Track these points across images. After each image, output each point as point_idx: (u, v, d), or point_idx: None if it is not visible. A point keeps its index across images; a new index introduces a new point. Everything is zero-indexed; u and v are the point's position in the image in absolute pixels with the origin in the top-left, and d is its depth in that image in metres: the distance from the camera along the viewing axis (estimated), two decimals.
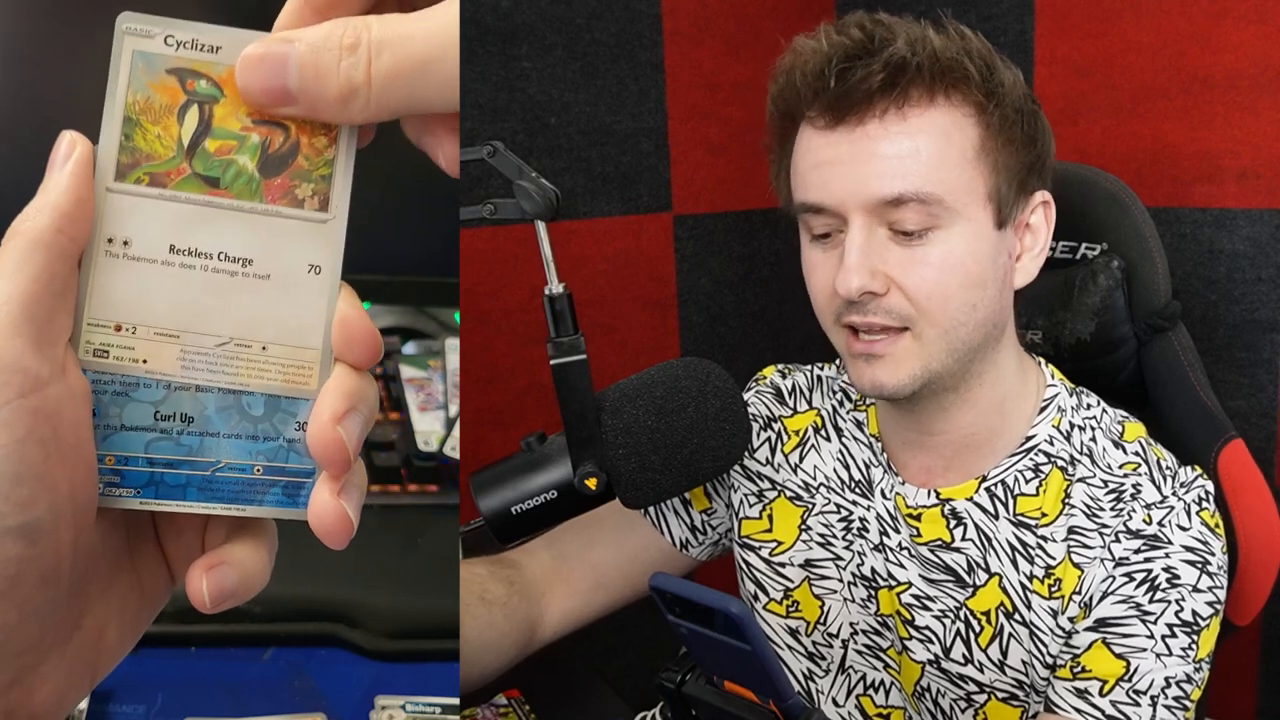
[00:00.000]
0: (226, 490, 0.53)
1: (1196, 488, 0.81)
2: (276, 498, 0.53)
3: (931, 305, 0.76)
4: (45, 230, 0.47)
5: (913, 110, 0.75)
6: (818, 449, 0.93)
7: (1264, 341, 1.28)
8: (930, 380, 0.78)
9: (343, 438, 0.50)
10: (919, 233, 0.75)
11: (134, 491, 0.52)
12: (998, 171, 0.76)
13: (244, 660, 1.02)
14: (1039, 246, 0.81)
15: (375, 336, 0.52)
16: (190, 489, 0.52)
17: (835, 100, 0.75)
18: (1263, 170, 1.25)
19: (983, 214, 0.76)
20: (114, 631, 0.53)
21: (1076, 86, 1.37)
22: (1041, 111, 0.80)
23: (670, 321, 1.56)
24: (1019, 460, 0.83)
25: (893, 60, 0.73)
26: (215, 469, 0.53)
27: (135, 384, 0.51)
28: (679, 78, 1.50)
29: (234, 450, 0.53)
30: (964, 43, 0.76)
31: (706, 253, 1.57)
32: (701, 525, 0.98)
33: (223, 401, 0.52)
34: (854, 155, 0.75)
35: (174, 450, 0.52)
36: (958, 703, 0.85)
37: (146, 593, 0.55)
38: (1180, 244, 1.30)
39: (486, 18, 1.36)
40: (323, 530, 0.51)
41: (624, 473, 0.72)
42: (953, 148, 0.75)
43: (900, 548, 0.86)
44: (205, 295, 0.51)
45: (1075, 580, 0.80)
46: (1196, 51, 1.27)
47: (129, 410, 0.51)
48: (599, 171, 1.46)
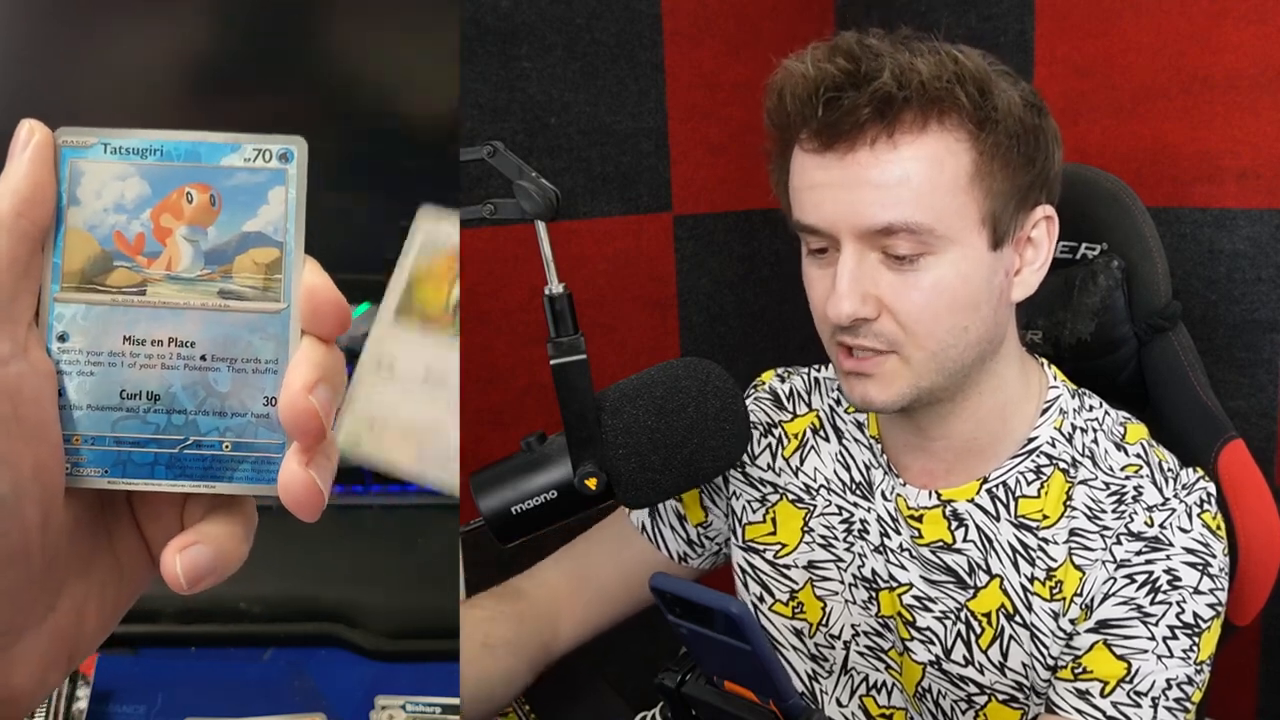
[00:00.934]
0: (195, 467, 0.53)
1: (1198, 490, 0.81)
2: (246, 474, 0.53)
3: (920, 329, 0.76)
4: (5, 215, 0.48)
5: (904, 137, 0.73)
6: (817, 450, 0.93)
7: (1264, 341, 1.28)
8: (921, 396, 0.78)
9: (315, 406, 0.50)
10: (910, 258, 0.74)
11: (101, 471, 0.52)
12: (993, 196, 0.75)
13: (244, 660, 1.02)
14: (1040, 260, 0.80)
15: (343, 306, 0.53)
16: (158, 467, 0.53)
17: (824, 128, 0.74)
18: (1263, 170, 1.24)
19: (976, 238, 0.76)
20: (93, 613, 0.53)
21: (1076, 86, 1.37)
22: (1048, 121, 0.78)
23: (670, 321, 1.56)
24: (1020, 462, 0.83)
25: (879, 94, 0.72)
26: (183, 446, 0.53)
27: (100, 363, 0.52)
28: (679, 78, 1.50)
29: (202, 427, 0.53)
30: (956, 67, 0.74)
31: (706, 253, 1.57)
32: (698, 538, 0.98)
33: (188, 379, 0.53)
34: (845, 181, 0.75)
35: (140, 429, 0.52)
36: (958, 704, 0.85)
37: (126, 575, 0.55)
38: (1180, 244, 1.30)
39: (486, 18, 1.36)
40: (293, 502, 0.51)
41: (624, 473, 0.72)
42: (944, 175, 0.74)
43: (901, 549, 0.86)
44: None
45: (1076, 582, 0.80)
46: (1196, 51, 1.27)
47: (94, 390, 0.52)
48: (599, 171, 1.46)
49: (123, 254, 0.52)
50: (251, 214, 0.52)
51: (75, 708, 0.87)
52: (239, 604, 1.04)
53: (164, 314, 0.52)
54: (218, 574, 0.52)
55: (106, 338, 0.52)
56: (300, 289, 0.52)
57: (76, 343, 0.52)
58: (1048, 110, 0.79)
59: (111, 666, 0.92)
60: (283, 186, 0.52)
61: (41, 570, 0.49)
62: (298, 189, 0.52)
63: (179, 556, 0.51)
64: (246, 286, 0.52)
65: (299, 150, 0.53)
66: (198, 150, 0.52)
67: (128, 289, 0.52)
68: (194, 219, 0.52)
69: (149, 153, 0.52)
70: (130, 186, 0.52)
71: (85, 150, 0.52)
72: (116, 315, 0.52)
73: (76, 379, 0.52)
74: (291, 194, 0.52)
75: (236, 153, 0.52)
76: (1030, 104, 0.77)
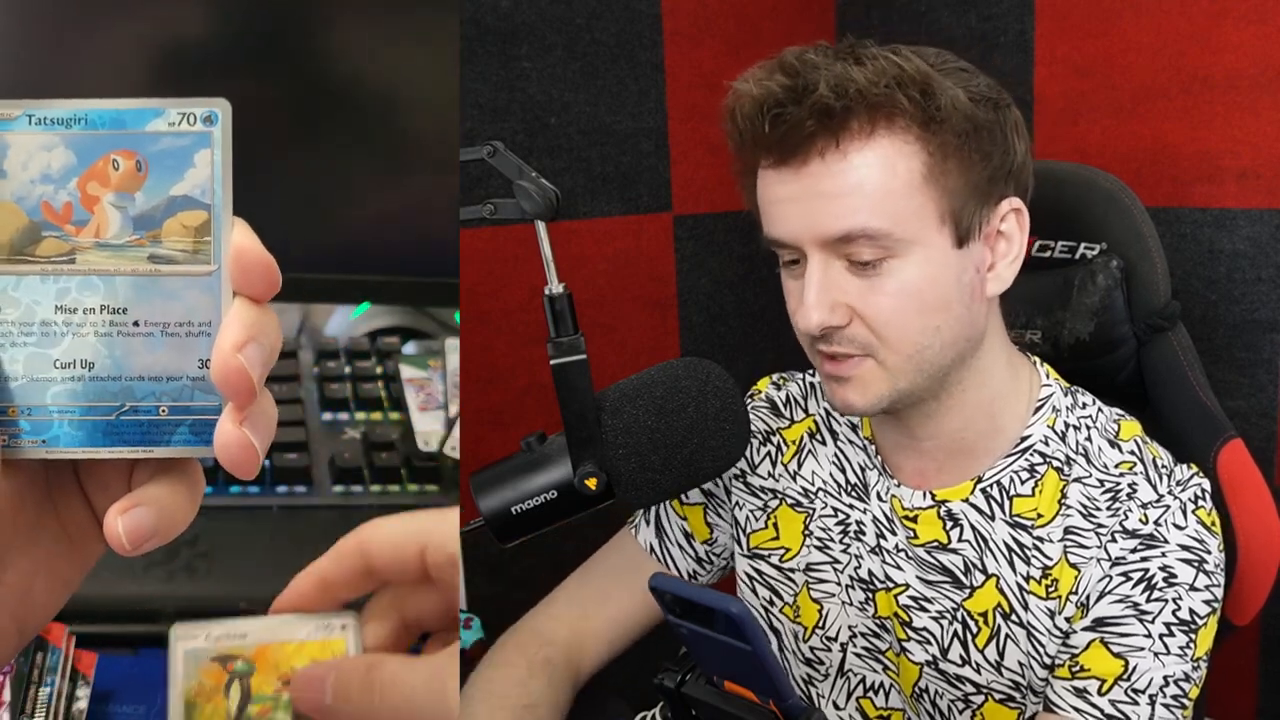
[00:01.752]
0: (133, 433, 0.53)
1: (1192, 486, 0.81)
2: (184, 437, 0.53)
3: (890, 333, 0.76)
4: None
5: (852, 145, 0.74)
6: (814, 454, 0.93)
7: (1264, 341, 1.28)
8: (901, 397, 0.79)
9: (244, 365, 0.50)
10: (874, 263, 0.75)
11: (39, 441, 0.52)
12: (949, 194, 0.75)
13: None
14: (1014, 253, 0.80)
15: (272, 267, 0.53)
16: (96, 435, 0.53)
17: (775, 144, 0.75)
18: (1263, 170, 1.24)
19: (938, 237, 0.76)
20: (42, 587, 0.53)
21: (1076, 86, 1.37)
22: (1006, 113, 0.78)
23: (670, 321, 1.56)
24: (1014, 461, 0.83)
25: (818, 106, 0.72)
26: (119, 413, 0.53)
27: (33, 334, 0.52)
28: (679, 78, 1.50)
29: (137, 393, 0.53)
30: (897, 71, 0.74)
31: (706, 253, 1.57)
32: (705, 555, 0.98)
33: (122, 345, 0.52)
34: (802, 193, 0.75)
35: (76, 397, 0.52)
36: (955, 704, 0.85)
37: (76, 547, 0.55)
38: (1180, 244, 1.30)
39: (486, 18, 1.36)
40: (228, 460, 0.51)
41: (624, 473, 0.72)
42: (896, 178, 0.74)
43: (897, 549, 0.86)
44: None
45: (1072, 580, 0.80)
46: (1196, 51, 1.27)
47: (28, 360, 0.52)
48: (599, 171, 1.46)
49: (51, 224, 0.52)
50: (178, 177, 0.52)
51: (75, 708, 0.87)
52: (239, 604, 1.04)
53: (94, 281, 0.52)
54: (161, 536, 0.52)
55: (38, 308, 0.52)
56: (230, 250, 0.52)
57: (8, 314, 0.52)
58: (1008, 103, 0.79)
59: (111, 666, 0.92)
60: (208, 149, 0.52)
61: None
62: (223, 151, 0.52)
63: (120, 519, 0.51)
64: (176, 250, 0.52)
65: (223, 112, 0.52)
66: (122, 117, 0.52)
67: (57, 258, 0.52)
68: (121, 185, 0.52)
69: (74, 122, 0.52)
70: (56, 156, 0.52)
71: (11, 123, 0.51)
72: (47, 285, 0.52)
73: (9, 350, 0.52)
74: (217, 156, 0.52)
75: (161, 117, 0.52)
76: (983, 98, 0.76)
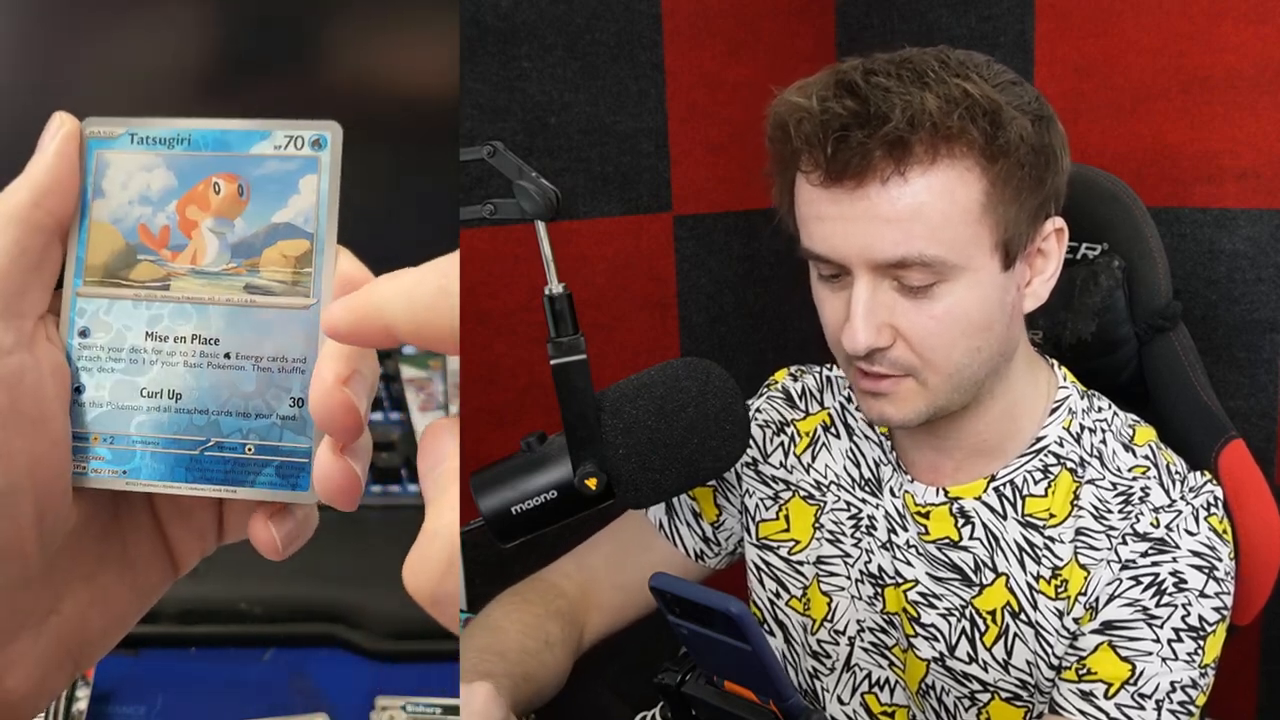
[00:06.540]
0: (216, 470, 0.50)
1: (1205, 493, 0.80)
2: (270, 479, 0.50)
3: (935, 356, 0.76)
4: (21, 205, 0.48)
5: (914, 170, 0.72)
6: (828, 447, 0.93)
7: (1264, 341, 1.28)
8: (937, 412, 0.79)
9: (351, 398, 0.46)
10: (924, 287, 0.74)
11: (120, 472, 0.50)
12: (1005, 222, 0.74)
13: (244, 661, 1.02)
14: (1050, 270, 0.80)
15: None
16: (179, 469, 0.50)
17: (832, 164, 0.73)
18: (1263, 170, 1.24)
19: (989, 262, 0.75)
20: (98, 620, 0.51)
21: (1076, 86, 1.37)
22: (1055, 130, 0.77)
23: (670, 321, 1.56)
24: (1028, 461, 0.83)
25: (890, 137, 0.71)
26: (204, 448, 0.50)
27: (121, 360, 0.50)
28: (679, 78, 1.50)
29: (224, 428, 0.50)
30: (967, 100, 0.72)
31: (706, 253, 1.57)
32: (713, 536, 0.98)
33: (212, 378, 0.50)
34: (856, 214, 0.73)
35: (161, 429, 0.50)
36: (961, 701, 0.85)
37: (140, 579, 0.53)
38: (1180, 244, 1.30)
39: (486, 18, 1.36)
40: (330, 492, 0.48)
41: (624, 473, 0.72)
42: (956, 206, 0.73)
43: (908, 545, 0.86)
44: None
45: (1081, 581, 0.80)
46: (1196, 51, 1.27)
47: (114, 387, 0.50)
48: (599, 171, 1.46)
49: (147, 247, 0.50)
50: (281, 204, 0.50)
51: (75, 708, 0.87)
52: (239, 604, 1.04)
53: (188, 309, 0.50)
54: (303, 537, 0.52)
55: (129, 334, 0.50)
56: (332, 282, 0.49)
57: (97, 338, 0.50)
58: (1054, 115, 0.78)
59: (111, 667, 0.92)
60: (315, 175, 0.50)
61: (41, 570, 0.48)
62: (331, 177, 0.50)
63: (271, 523, 0.51)
64: (274, 281, 0.49)
65: (333, 136, 0.50)
66: (226, 138, 0.50)
67: (151, 283, 0.50)
68: (221, 210, 0.50)
69: (176, 142, 0.50)
70: (156, 177, 0.50)
71: (112, 141, 0.50)
72: (139, 310, 0.50)
73: (96, 375, 0.50)
74: (324, 182, 0.50)
75: (267, 140, 0.50)
76: (1039, 117, 0.75)
